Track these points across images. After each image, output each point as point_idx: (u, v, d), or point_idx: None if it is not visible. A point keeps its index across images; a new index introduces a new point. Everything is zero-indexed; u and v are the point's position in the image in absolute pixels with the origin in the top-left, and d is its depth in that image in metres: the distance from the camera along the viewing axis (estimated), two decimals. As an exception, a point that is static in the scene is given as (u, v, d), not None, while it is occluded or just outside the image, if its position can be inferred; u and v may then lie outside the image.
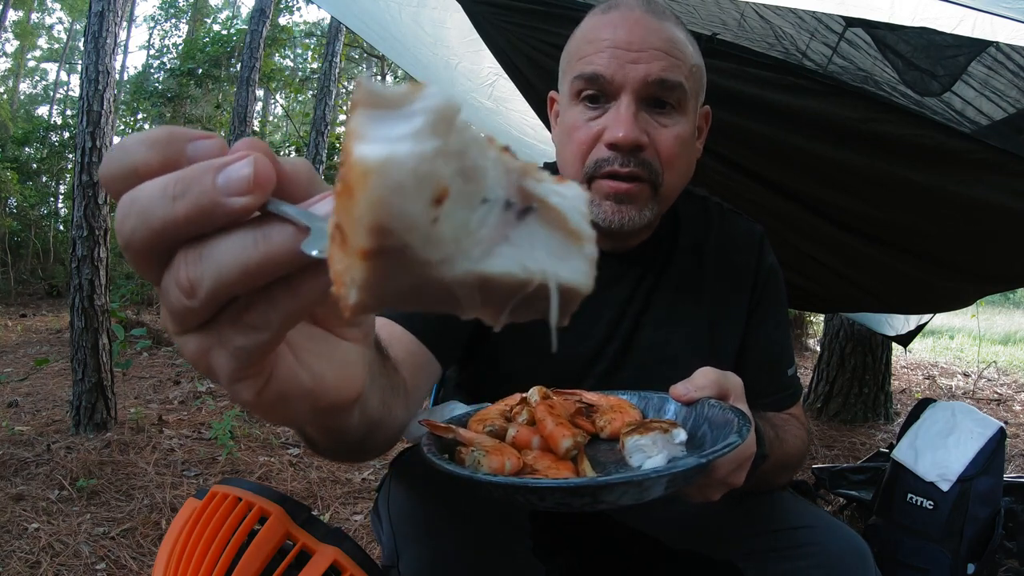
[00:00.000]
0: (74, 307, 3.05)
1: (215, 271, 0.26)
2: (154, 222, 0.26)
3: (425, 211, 0.22)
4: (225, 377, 0.29)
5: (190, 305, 0.26)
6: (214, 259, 0.26)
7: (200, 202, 0.25)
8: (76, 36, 17.06)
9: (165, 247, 0.27)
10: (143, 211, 0.26)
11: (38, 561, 1.85)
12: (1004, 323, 10.14)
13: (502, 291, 0.25)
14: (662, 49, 0.80)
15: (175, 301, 0.27)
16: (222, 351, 0.28)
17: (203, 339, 0.28)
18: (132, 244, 0.26)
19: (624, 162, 0.81)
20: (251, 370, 0.29)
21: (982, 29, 1.30)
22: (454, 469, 0.58)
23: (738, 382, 0.70)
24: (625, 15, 0.82)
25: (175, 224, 0.25)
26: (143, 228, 0.26)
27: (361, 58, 14.23)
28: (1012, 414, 4.29)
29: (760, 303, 0.96)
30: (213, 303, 0.27)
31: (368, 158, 0.21)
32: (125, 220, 0.26)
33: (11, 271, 9.72)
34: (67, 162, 10.84)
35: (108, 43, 3.05)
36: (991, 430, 1.70)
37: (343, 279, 0.23)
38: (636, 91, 0.80)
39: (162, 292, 0.28)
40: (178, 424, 3.31)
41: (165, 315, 0.28)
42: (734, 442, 0.58)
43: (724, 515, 0.86)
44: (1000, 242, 1.64)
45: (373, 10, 1.86)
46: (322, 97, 5.62)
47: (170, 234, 0.26)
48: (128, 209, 0.26)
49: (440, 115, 0.22)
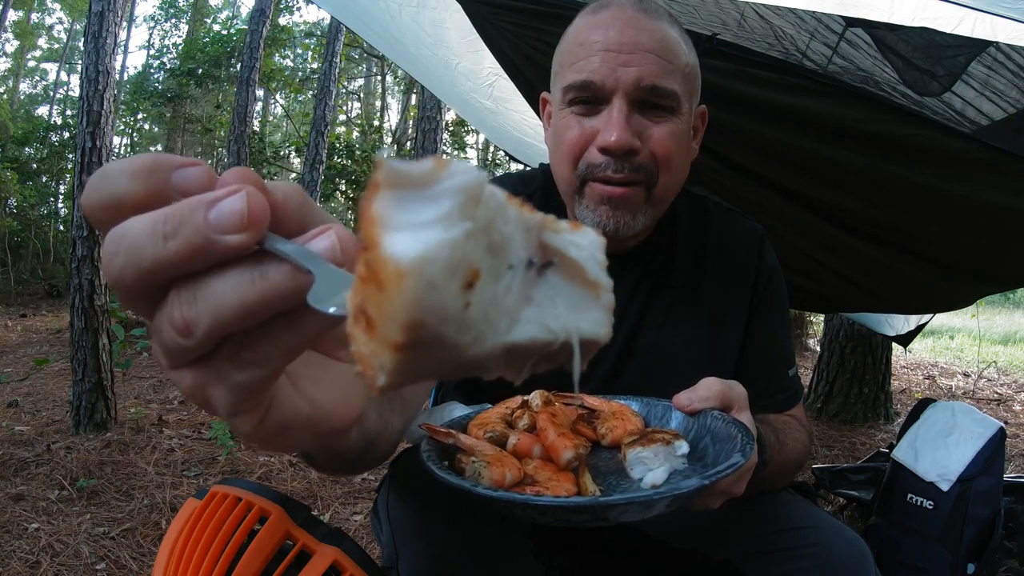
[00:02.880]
0: (74, 307, 3.05)
1: (212, 311, 0.25)
2: (144, 262, 0.24)
3: (458, 299, 0.22)
4: (223, 411, 0.28)
5: (185, 344, 0.25)
6: (210, 299, 0.25)
7: (193, 241, 0.24)
8: (76, 36, 17.06)
9: (157, 285, 0.25)
10: (132, 249, 0.24)
11: (38, 561, 1.85)
12: (1004, 323, 10.14)
13: (527, 353, 0.25)
14: (654, 51, 0.79)
15: (168, 339, 0.26)
16: (220, 386, 0.27)
17: (199, 375, 0.27)
18: (122, 283, 0.25)
19: (617, 167, 0.80)
20: (249, 404, 0.28)
21: (982, 29, 1.30)
22: (454, 481, 0.58)
23: (742, 392, 0.69)
24: (616, 15, 0.81)
25: (167, 264, 0.24)
26: (133, 267, 0.25)
27: (361, 58, 14.23)
28: (1012, 414, 4.29)
29: (761, 303, 0.96)
30: (209, 341, 0.26)
31: (401, 259, 0.20)
32: (113, 259, 0.25)
33: (11, 271, 9.72)
34: (67, 162, 10.84)
35: (108, 43, 3.05)
36: (991, 430, 1.70)
37: (370, 363, 0.22)
38: (628, 94, 0.79)
39: (155, 329, 0.26)
40: (178, 424, 3.31)
41: (157, 351, 0.27)
42: (737, 462, 0.57)
43: (724, 515, 0.86)
44: (1000, 242, 1.64)
45: (373, 10, 1.86)
46: (322, 97, 5.61)
47: (162, 273, 0.25)
48: (116, 247, 0.25)
49: (468, 194, 0.21)
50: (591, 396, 0.79)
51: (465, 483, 0.57)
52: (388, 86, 13.19)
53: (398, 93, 14.39)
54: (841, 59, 1.45)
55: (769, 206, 1.71)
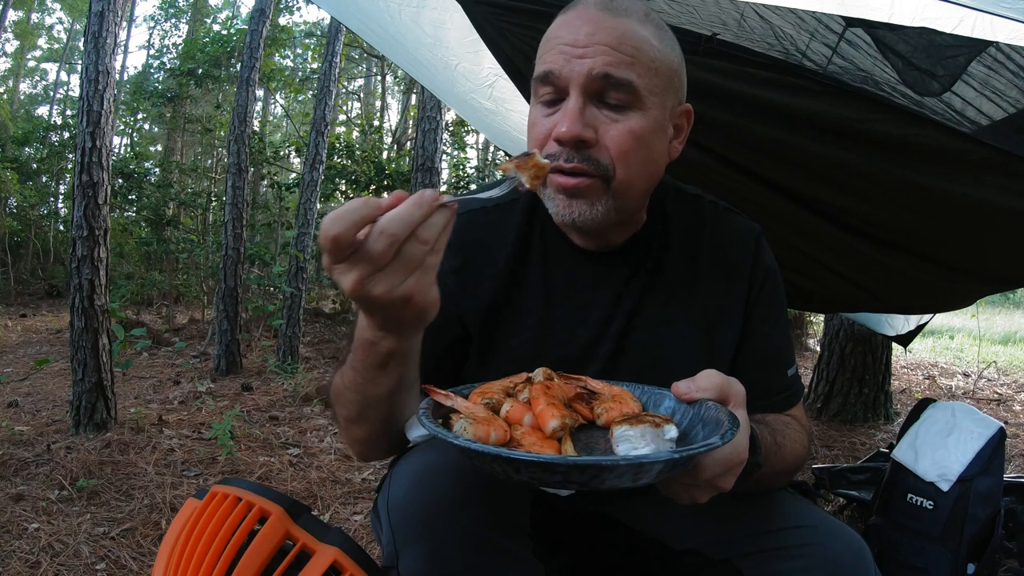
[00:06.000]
0: (74, 307, 3.05)
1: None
2: (404, 224, 0.59)
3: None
4: (382, 282, 0.60)
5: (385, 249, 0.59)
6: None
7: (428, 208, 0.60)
8: (76, 36, 17.06)
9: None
10: (395, 217, 0.59)
11: (38, 561, 1.85)
12: (1004, 323, 10.15)
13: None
14: (609, 44, 0.80)
15: (375, 246, 0.59)
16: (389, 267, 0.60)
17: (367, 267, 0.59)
18: (379, 238, 0.58)
19: (568, 157, 0.81)
20: (400, 274, 0.60)
21: (982, 29, 1.30)
22: (437, 430, 0.61)
23: (741, 390, 0.70)
24: (580, 13, 0.83)
25: (416, 220, 0.59)
26: (396, 224, 0.59)
27: (361, 58, 14.23)
28: (1012, 414, 4.30)
29: (758, 303, 0.95)
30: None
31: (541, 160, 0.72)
32: (379, 235, 0.58)
33: (11, 271, 9.72)
34: (67, 162, 10.84)
35: (108, 43, 3.05)
36: (991, 430, 1.70)
37: (527, 177, 0.71)
38: (582, 86, 0.80)
39: (362, 253, 0.58)
40: (178, 424, 3.31)
41: (352, 268, 0.59)
42: (713, 443, 0.59)
43: (723, 515, 0.86)
44: (1000, 242, 1.64)
45: (373, 10, 1.86)
46: (322, 97, 5.60)
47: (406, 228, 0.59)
48: (383, 223, 0.58)
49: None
50: (594, 380, 0.79)
51: (447, 434, 0.60)
52: (388, 86, 13.19)
53: (398, 93, 14.39)
54: (841, 59, 1.45)
55: (769, 206, 1.71)
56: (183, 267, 8.82)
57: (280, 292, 5.72)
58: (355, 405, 0.78)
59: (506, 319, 0.93)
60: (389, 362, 0.71)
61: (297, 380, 4.32)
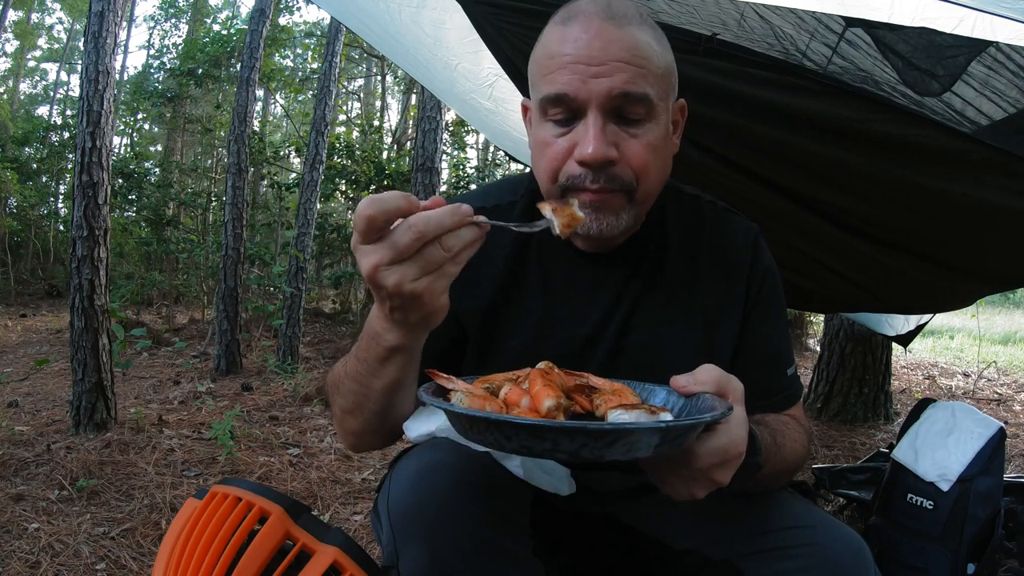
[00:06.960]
0: (74, 307, 3.05)
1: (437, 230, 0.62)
2: (434, 225, 0.61)
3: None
4: (405, 275, 0.62)
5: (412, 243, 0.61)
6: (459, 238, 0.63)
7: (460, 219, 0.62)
8: (76, 36, 17.06)
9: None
10: (426, 219, 0.61)
11: (38, 561, 1.85)
12: (1004, 323, 10.15)
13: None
14: (624, 60, 0.80)
15: (402, 239, 0.61)
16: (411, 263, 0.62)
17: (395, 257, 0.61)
18: (410, 232, 0.61)
19: (595, 179, 0.82)
20: (424, 271, 0.62)
21: (982, 29, 1.30)
22: (433, 401, 0.64)
23: (739, 385, 0.70)
24: (584, 27, 0.81)
25: (446, 226, 0.61)
26: (426, 226, 0.60)
27: (361, 58, 14.23)
28: (1012, 414, 4.30)
29: (757, 303, 0.95)
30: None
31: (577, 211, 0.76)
32: (428, 221, 0.61)
33: (11, 271, 9.72)
34: (67, 162, 10.84)
35: (108, 43, 3.05)
36: (991, 430, 1.70)
37: (563, 225, 0.73)
38: (601, 105, 0.80)
39: (389, 242, 0.61)
40: (178, 424, 3.31)
41: (380, 253, 0.61)
42: (703, 418, 0.61)
43: (723, 515, 0.86)
44: (1000, 242, 1.64)
45: (373, 10, 1.85)
46: (322, 97, 5.60)
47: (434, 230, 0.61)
48: (417, 220, 0.61)
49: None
50: (596, 376, 0.80)
51: (444, 404, 0.62)
52: (388, 86, 13.18)
53: (398, 93, 14.38)
54: (841, 59, 1.45)
55: (769, 206, 1.72)
56: (183, 267, 8.81)
57: (280, 292, 5.72)
58: (353, 395, 0.79)
59: (505, 319, 0.93)
60: (392, 356, 0.73)
61: (297, 380, 4.32)
